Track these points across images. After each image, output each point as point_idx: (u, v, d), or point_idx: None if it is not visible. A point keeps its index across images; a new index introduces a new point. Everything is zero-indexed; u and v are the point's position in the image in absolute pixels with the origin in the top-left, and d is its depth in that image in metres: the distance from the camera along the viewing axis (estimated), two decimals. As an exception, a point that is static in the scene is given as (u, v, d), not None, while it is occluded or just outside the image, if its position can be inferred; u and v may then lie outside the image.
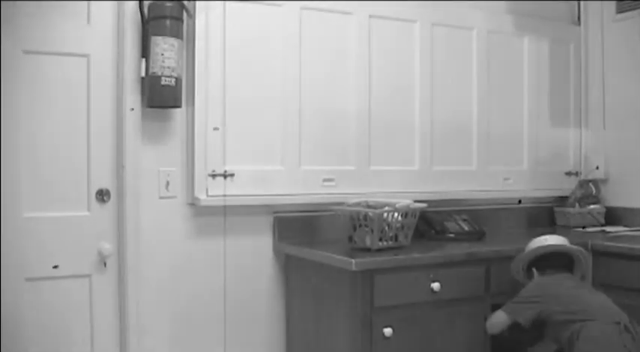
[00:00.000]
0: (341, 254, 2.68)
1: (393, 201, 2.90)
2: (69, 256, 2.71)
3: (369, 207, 2.89)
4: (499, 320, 2.68)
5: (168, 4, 2.73)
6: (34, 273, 2.64)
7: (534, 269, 2.76)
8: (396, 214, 2.83)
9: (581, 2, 3.94)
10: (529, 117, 3.75)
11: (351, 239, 2.85)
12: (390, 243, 2.82)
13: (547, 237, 2.83)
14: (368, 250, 2.76)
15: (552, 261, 2.76)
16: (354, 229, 2.83)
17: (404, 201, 2.89)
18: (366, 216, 2.77)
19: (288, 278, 3.08)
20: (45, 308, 2.66)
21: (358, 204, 2.92)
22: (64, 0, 2.69)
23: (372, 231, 2.76)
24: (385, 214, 2.79)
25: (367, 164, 3.26)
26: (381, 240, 2.79)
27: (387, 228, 2.80)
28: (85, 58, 2.74)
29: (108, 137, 2.79)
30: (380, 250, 2.76)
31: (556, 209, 3.80)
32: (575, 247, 2.82)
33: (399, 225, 2.84)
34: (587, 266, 2.87)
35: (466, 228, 3.27)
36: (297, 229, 3.08)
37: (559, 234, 2.89)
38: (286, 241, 3.05)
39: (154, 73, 2.71)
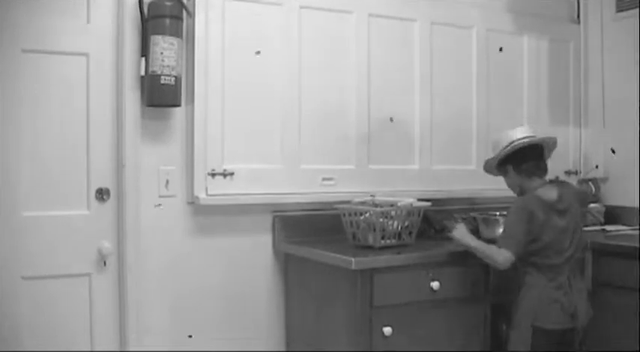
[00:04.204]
0: (342, 252, 2.68)
1: (398, 199, 2.91)
2: (69, 255, 2.71)
3: (375, 205, 2.89)
4: (504, 258, 2.56)
5: (168, 3, 2.73)
6: (33, 272, 2.64)
7: (509, 166, 2.73)
8: (398, 212, 2.83)
9: (581, 1, 3.94)
10: (528, 115, 3.75)
11: (354, 237, 2.86)
12: (393, 241, 2.83)
13: (515, 129, 2.77)
14: (371, 248, 2.77)
15: (525, 152, 2.70)
16: (358, 227, 2.83)
17: (407, 200, 2.90)
18: (368, 214, 2.77)
19: (288, 277, 3.08)
20: (45, 307, 2.66)
21: (364, 203, 2.93)
22: (63, -1, 2.69)
23: (375, 229, 2.76)
24: (387, 213, 2.80)
25: (367, 163, 3.25)
26: (383, 238, 2.79)
27: (390, 226, 2.81)
28: (85, 57, 2.73)
29: (107, 136, 2.78)
30: (383, 248, 2.77)
31: (556, 208, 3.79)
32: (544, 137, 2.78)
33: (402, 223, 2.85)
34: (551, 151, 2.83)
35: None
36: (297, 228, 3.08)
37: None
38: (286, 240, 3.05)
39: (154, 71, 2.71)
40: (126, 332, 2.77)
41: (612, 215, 3.70)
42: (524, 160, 2.70)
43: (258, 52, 2.91)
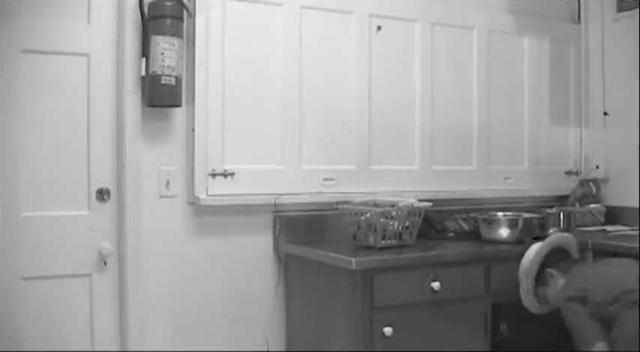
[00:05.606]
0: (343, 253, 2.68)
1: (399, 199, 2.91)
2: (69, 255, 2.71)
3: (376, 205, 2.89)
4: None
5: (169, 3, 2.73)
6: (33, 273, 2.64)
7: (552, 271, 2.62)
8: (399, 212, 2.83)
9: (582, 1, 3.94)
10: (529, 116, 3.75)
11: (355, 237, 2.86)
12: (394, 241, 2.83)
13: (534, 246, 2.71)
14: (371, 248, 2.77)
15: (556, 257, 2.66)
16: (359, 227, 2.83)
17: (408, 200, 2.90)
18: (369, 214, 2.77)
19: (289, 278, 3.08)
20: (45, 307, 2.66)
21: (365, 203, 2.93)
22: (64, -1, 2.70)
23: (376, 229, 2.76)
24: (388, 213, 2.80)
25: (367, 163, 3.25)
26: (384, 238, 2.79)
27: (391, 226, 2.81)
28: (86, 57, 2.73)
29: (108, 136, 2.78)
30: (383, 248, 2.77)
31: (556, 208, 3.79)
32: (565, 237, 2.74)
33: (402, 223, 2.85)
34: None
35: (466, 228, 3.27)
36: (298, 228, 3.08)
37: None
38: (287, 240, 3.05)
39: (154, 72, 2.71)
40: (126, 333, 2.77)
41: (613, 215, 3.70)
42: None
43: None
